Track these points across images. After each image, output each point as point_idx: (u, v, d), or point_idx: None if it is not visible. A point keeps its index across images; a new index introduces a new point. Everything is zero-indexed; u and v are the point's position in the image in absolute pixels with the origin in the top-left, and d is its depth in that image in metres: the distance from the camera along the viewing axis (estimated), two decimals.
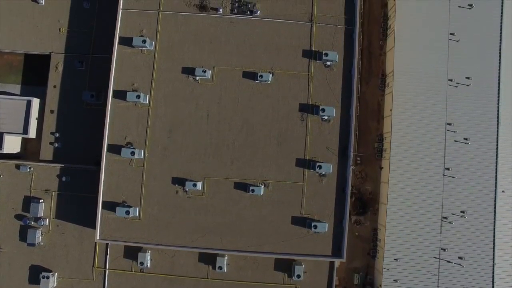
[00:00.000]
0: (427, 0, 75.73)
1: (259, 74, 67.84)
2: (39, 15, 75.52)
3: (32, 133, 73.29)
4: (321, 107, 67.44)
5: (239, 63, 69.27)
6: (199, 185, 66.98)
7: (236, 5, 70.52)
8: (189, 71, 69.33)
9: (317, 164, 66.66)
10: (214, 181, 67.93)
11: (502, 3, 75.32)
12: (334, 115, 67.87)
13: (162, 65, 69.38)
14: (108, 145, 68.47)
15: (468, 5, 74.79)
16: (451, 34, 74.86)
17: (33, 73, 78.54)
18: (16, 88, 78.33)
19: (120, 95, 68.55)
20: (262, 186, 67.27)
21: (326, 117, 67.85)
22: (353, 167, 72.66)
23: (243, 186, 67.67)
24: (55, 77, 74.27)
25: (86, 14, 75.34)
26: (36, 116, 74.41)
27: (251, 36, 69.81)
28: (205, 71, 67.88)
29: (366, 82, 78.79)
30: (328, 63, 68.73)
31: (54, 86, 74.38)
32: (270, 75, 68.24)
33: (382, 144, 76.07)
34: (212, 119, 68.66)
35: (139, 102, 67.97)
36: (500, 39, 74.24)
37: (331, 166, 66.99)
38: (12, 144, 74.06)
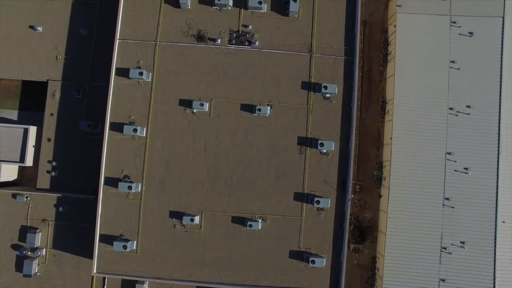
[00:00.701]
0: (427, 28, 74.99)
1: (257, 108, 67.12)
2: (36, 42, 74.97)
3: (29, 162, 72.92)
4: (320, 142, 66.70)
5: (237, 95, 68.45)
6: (197, 219, 66.73)
7: (234, 35, 69.50)
8: (187, 103, 68.54)
9: (315, 199, 65.87)
10: (212, 215, 67.59)
11: (503, 31, 73.84)
12: (333, 149, 66.60)
13: (159, 97, 68.57)
14: (105, 177, 67.64)
15: (469, 32, 73.90)
16: (451, 62, 73.70)
17: (30, 98, 78.01)
18: (13, 114, 77.79)
19: (117, 127, 67.94)
20: (260, 221, 66.97)
21: (325, 151, 66.77)
22: (352, 196, 71.95)
23: (241, 220, 67.47)
24: (52, 105, 73.62)
25: (83, 41, 74.63)
26: (33, 144, 73.90)
27: (250, 67, 68.82)
28: (202, 104, 67.29)
29: (366, 108, 77.90)
30: (328, 95, 67.49)
31: (51, 114, 73.74)
32: (268, 108, 67.46)
33: (382, 172, 75.27)
34: (209, 153, 68.10)
35: (136, 135, 67.11)
36: (501, 68, 73.38)
37: (329, 201, 66.42)
38: (9, 172, 73.93)
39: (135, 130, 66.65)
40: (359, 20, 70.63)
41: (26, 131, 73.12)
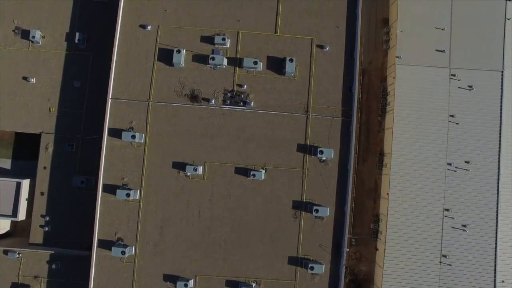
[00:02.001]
0: (427, 80, 73.85)
1: (251, 173, 65.90)
2: (29, 93, 73.94)
3: (21, 216, 72.64)
4: (314, 208, 65.83)
5: (231, 158, 67.61)
6: (191, 283, 66.84)
7: (229, 95, 68.11)
8: (180, 166, 67.80)
9: (309, 264, 65.58)
10: (206, 278, 67.61)
11: (502, 85, 72.62)
12: (328, 214, 65.94)
13: (152, 159, 67.83)
14: (99, 240, 67.00)
15: (468, 86, 72.29)
16: (451, 116, 72.08)
17: (24, 147, 76.70)
18: (7, 163, 77.09)
19: (110, 189, 67.46)
20: (254, 284, 67.04)
21: (320, 216, 66.14)
22: (348, 249, 71.54)
23: (235, 284, 67.63)
24: (45, 158, 72.86)
25: (76, 94, 73.49)
26: (26, 197, 73.17)
27: (244, 129, 67.82)
28: (196, 169, 66.03)
29: (364, 160, 76.88)
30: (324, 158, 66.38)
31: (44, 167, 73.08)
32: (263, 172, 66.61)
33: (378, 225, 74.61)
34: (203, 216, 67.63)
35: (129, 199, 66.78)
36: (500, 123, 71.80)
37: (323, 266, 66.15)
38: (2, 225, 73.56)
39: (128, 195, 65.83)
40: (357, 80, 68.40)
41: (18, 185, 72.34)
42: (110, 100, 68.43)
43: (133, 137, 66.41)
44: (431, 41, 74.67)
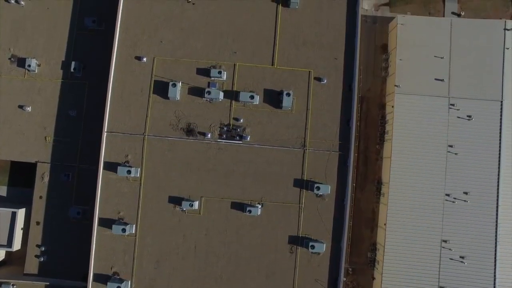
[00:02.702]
0: (426, 109, 73.26)
1: (247, 209, 65.60)
2: (25, 122, 73.52)
3: (16, 246, 72.71)
4: (310, 244, 65.61)
5: (227, 193, 67.28)
6: None
7: (225, 129, 67.55)
8: (176, 200, 67.57)
9: None
10: None
11: (501, 115, 72.68)
12: (324, 250, 65.71)
13: (148, 194, 67.56)
14: (94, 274, 66.99)
15: (467, 116, 71.31)
16: (449, 146, 71.45)
17: (20, 174, 76.33)
18: (2, 190, 77.03)
19: (106, 223, 67.29)
20: None
21: (316, 251, 65.97)
22: (345, 279, 71.46)
23: None
24: (41, 187, 72.56)
25: (72, 123, 73.09)
26: (22, 226, 72.95)
27: (240, 164, 67.43)
28: (192, 204, 65.71)
29: (361, 188, 76.46)
30: (320, 193, 65.99)
31: (40, 197, 72.93)
32: (259, 208, 66.41)
33: (375, 254, 74.38)
34: (199, 251, 67.56)
35: (125, 234, 66.80)
36: (499, 154, 71.21)
37: None
38: None
39: (124, 230, 65.54)
40: (355, 113, 67.72)
41: (14, 215, 72.18)
42: (105, 133, 67.36)
43: (129, 172, 65.99)
44: (430, 69, 73.98)
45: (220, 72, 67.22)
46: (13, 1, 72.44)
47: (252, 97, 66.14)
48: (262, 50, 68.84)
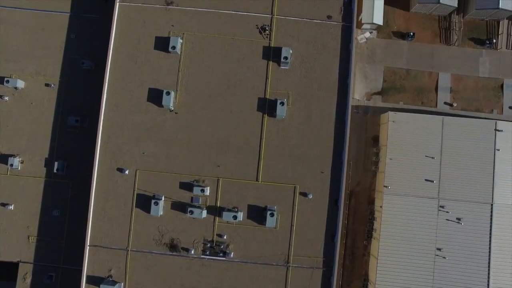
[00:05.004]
0: (414, 210, 72.70)
1: None
2: (8, 220, 73.15)
3: None
4: None
5: None
6: None
7: (209, 245, 67.39)
8: None
9: None
10: None
11: (491, 219, 72.25)
12: None
13: None
14: None
15: (457, 219, 70.54)
16: (438, 249, 71.26)
17: (3, 267, 76.44)
18: None
19: None
20: None
21: None
22: None
23: None
24: None
25: (55, 222, 72.59)
26: None
27: (224, 280, 67.99)
28: None
29: (348, 284, 76.67)
30: None
31: None
32: None
33: None
34: None
35: None
36: (489, 259, 70.52)
37: None
38: None
39: None
40: (340, 229, 67.24)
41: None
42: (88, 247, 67.03)
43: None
44: (420, 170, 72.85)
45: (203, 190, 65.99)
46: None
47: (235, 217, 65.21)
48: (247, 163, 67.47)
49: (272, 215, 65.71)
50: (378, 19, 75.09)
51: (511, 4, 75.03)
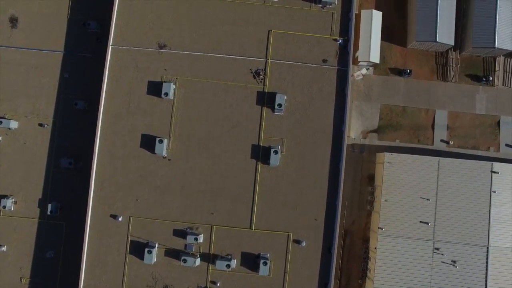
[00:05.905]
0: (409, 253, 72.52)
1: None
2: (0, 261, 72.62)
3: None
4: None
5: None
6: None
7: None
8: None
9: None
10: None
11: (487, 262, 71.72)
12: None
13: None
14: None
15: (452, 261, 70.64)
16: None
17: None
18: None
19: None
20: None
21: None
22: None
23: None
24: None
25: (49, 264, 72.67)
26: None
27: None
28: None
29: None
30: None
31: None
32: None
33: None
34: None
35: None
36: None
37: None
38: None
39: None
40: (333, 277, 67.39)
41: None
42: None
43: None
44: (415, 211, 72.77)
45: (196, 239, 65.98)
46: None
47: (228, 266, 65.32)
48: (240, 211, 67.57)
49: (265, 263, 65.96)
50: (375, 57, 74.06)
51: (507, 43, 73.57)
